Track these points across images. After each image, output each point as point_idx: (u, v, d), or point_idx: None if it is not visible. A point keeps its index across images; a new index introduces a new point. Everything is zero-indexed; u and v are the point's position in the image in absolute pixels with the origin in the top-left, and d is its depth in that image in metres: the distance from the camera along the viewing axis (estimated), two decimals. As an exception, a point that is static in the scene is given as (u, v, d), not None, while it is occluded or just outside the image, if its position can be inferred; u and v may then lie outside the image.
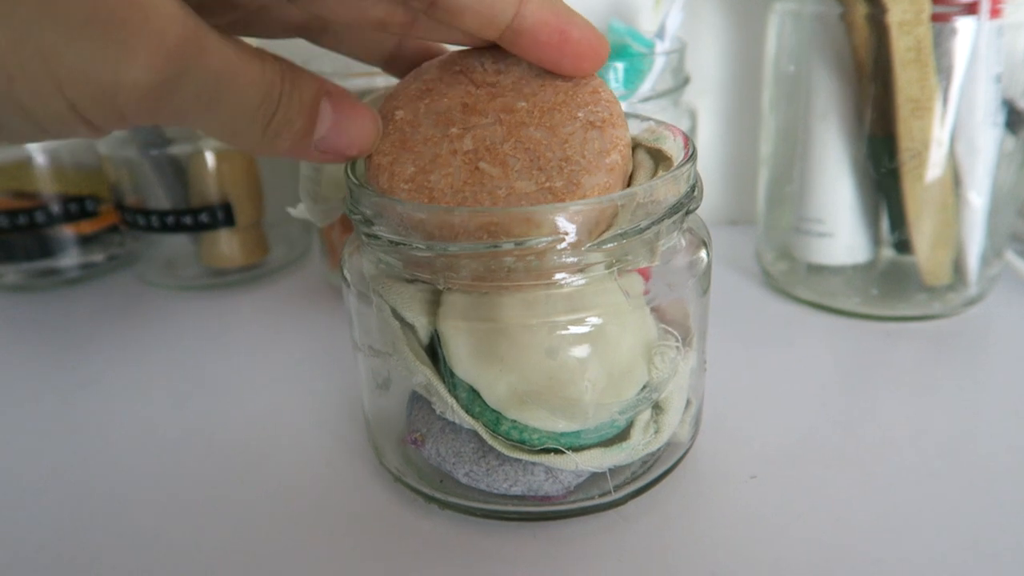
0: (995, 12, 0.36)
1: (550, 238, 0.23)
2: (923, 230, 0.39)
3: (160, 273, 0.50)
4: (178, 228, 0.47)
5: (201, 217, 0.47)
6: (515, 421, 0.25)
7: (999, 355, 0.38)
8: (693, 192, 0.26)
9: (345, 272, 0.28)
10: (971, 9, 0.35)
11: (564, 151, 0.24)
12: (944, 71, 0.36)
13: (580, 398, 0.25)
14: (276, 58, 0.21)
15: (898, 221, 0.40)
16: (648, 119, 0.29)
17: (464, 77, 0.26)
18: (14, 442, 0.35)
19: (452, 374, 0.26)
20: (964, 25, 0.36)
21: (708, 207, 0.54)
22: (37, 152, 0.48)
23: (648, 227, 0.24)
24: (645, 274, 0.26)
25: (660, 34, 0.42)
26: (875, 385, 0.36)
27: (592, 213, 0.23)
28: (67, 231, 0.50)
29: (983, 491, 0.29)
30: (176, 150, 0.46)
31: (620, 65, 0.41)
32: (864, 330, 0.40)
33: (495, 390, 0.25)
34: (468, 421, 0.26)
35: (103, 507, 0.30)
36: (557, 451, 0.26)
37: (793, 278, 0.44)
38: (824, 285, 0.43)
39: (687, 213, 0.25)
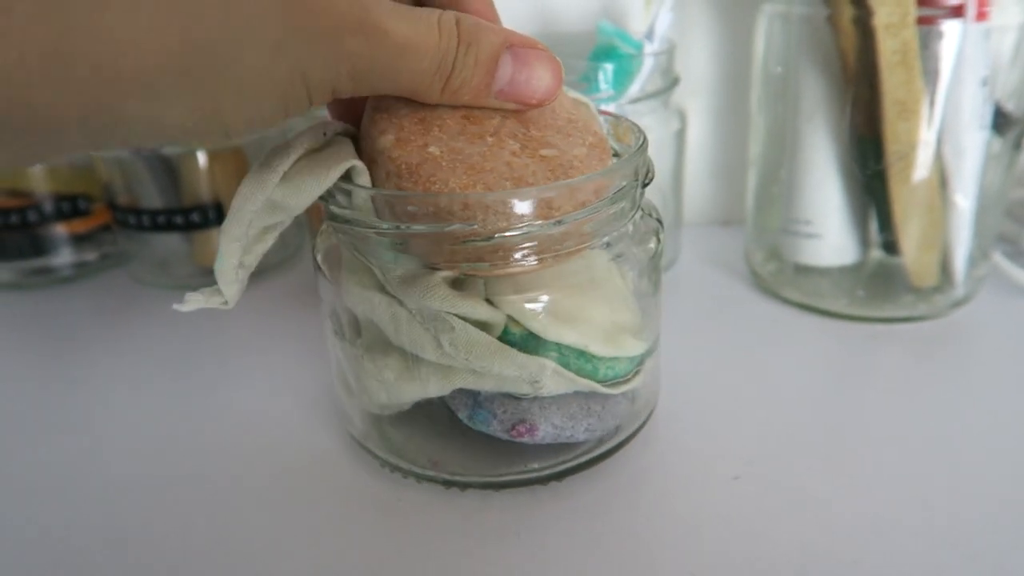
0: (981, 15, 0.36)
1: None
2: (910, 231, 0.39)
3: (153, 272, 0.50)
4: (170, 227, 0.47)
5: (192, 216, 0.47)
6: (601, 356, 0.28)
7: (985, 357, 0.38)
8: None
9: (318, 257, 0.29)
10: (957, 12, 0.35)
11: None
12: (930, 74, 0.36)
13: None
14: (454, 22, 0.23)
15: (885, 222, 0.40)
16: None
17: None
18: (6, 440, 0.35)
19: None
20: (950, 28, 0.36)
21: (698, 208, 0.55)
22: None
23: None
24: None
25: (649, 35, 0.42)
26: (861, 387, 0.36)
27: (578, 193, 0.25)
28: (60, 230, 0.50)
29: (967, 493, 0.29)
30: (168, 150, 0.46)
31: (609, 66, 0.41)
32: (851, 331, 0.40)
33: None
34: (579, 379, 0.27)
35: (94, 503, 0.30)
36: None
37: (781, 279, 0.44)
38: (812, 286, 0.43)
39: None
